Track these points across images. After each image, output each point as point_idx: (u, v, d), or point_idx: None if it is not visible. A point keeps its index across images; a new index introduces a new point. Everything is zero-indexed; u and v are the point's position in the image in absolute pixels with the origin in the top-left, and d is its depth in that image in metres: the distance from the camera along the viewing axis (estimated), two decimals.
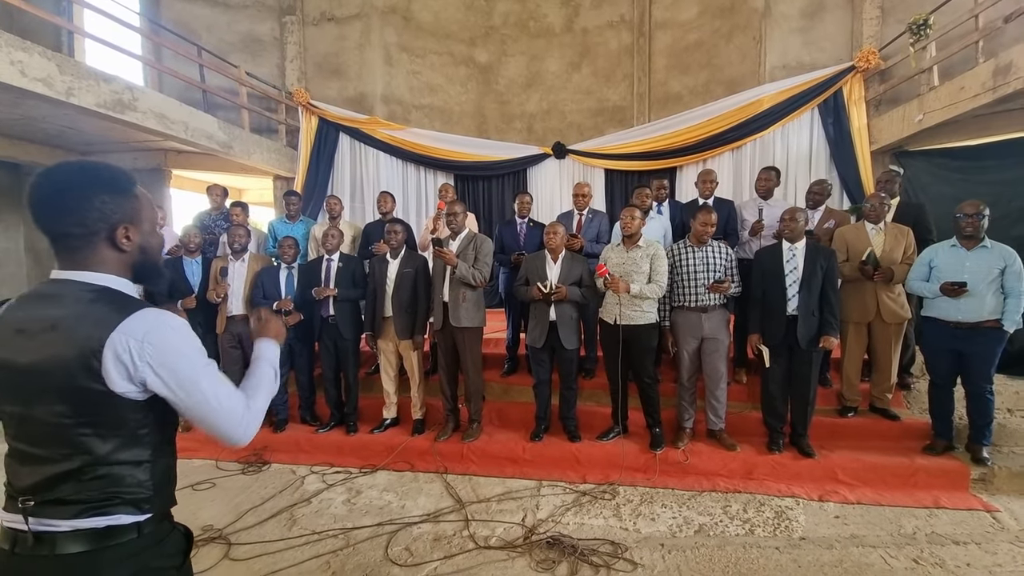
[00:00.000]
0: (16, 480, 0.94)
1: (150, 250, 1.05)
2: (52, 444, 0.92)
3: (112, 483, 0.94)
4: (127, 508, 0.95)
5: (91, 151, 7.36)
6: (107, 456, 0.93)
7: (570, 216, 4.24)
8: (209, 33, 7.68)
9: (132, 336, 0.91)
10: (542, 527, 2.77)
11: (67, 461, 0.91)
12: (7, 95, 4.62)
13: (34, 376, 0.91)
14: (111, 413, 0.93)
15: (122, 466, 0.95)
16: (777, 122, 6.08)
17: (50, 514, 0.91)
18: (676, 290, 3.49)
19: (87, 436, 0.91)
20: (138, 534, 0.96)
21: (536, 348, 3.64)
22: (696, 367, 3.55)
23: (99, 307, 0.93)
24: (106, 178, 0.99)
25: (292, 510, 3.03)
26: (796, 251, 3.32)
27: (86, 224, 0.96)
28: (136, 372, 0.91)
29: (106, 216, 0.97)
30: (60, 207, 0.95)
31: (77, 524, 0.91)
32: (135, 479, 0.96)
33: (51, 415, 0.91)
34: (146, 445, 0.98)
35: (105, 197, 0.97)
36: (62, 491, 0.91)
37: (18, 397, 0.93)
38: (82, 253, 0.97)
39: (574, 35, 7.88)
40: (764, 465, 3.32)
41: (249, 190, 9.58)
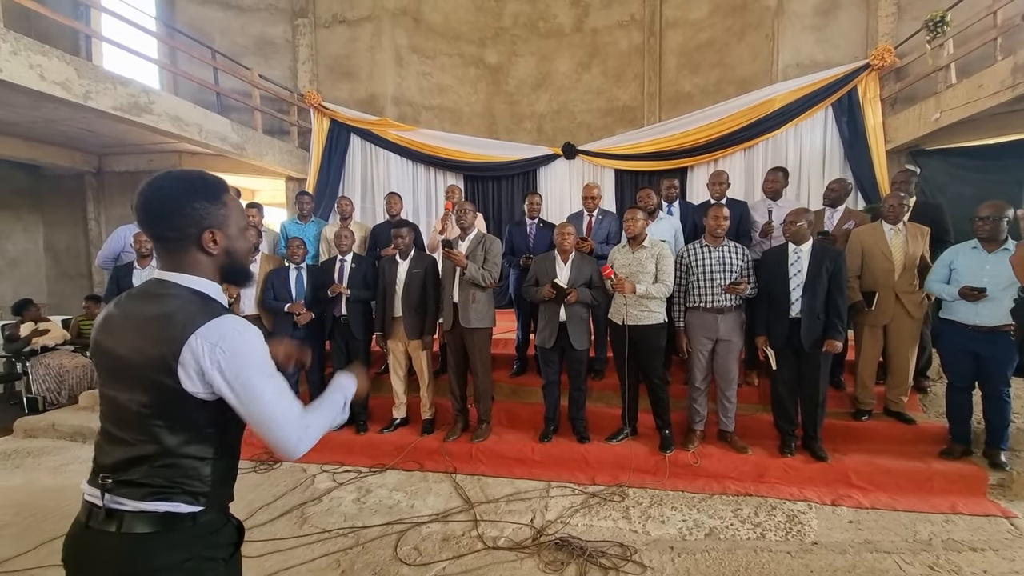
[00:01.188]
0: (100, 458, 1.03)
1: (236, 254, 1.12)
2: (132, 429, 1.00)
3: (177, 473, 1.00)
4: (186, 498, 1.01)
5: (108, 153, 7.50)
6: (175, 448, 1.00)
7: (580, 217, 4.23)
8: (223, 36, 7.78)
9: (207, 340, 0.96)
10: (551, 528, 2.77)
11: (142, 447, 0.99)
12: (26, 98, 4.72)
13: (125, 366, 1.00)
14: (182, 410, 0.99)
15: (187, 459, 1.01)
16: (790, 121, 6.02)
17: (122, 493, 0.99)
18: (691, 291, 3.46)
19: (160, 427, 0.99)
20: (193, 523, 1.02)
21: (545, 349, 3.63)
22: (709, 369, 3.52)
23: (184, 310, 1.00)
24: (198, 186, 1.06)
25: (303, 508, 3.06)
26: (801, 253, 3.28)
27: (178, 228, 1.03)
28: (206, 375, 0.97)
29: (196, 221, 1.04)
30: (157, 213, 1.03)
31: (142, 506, 0.98)
32: (197, 473, 1.02)
33: (134, 403, 0.99)
34: (211, 443, 1.04)
35: (196, 204, 1.04)
36: (134, 473, 0.99)
37: (113, 383, 1.02)
38: (177, 255, 1.05)
39: (584, 35, 7.87)
40: (776, 468, 3.28)
41: (262, 191, 9.68)
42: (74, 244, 7.94)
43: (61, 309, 7.28)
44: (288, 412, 1.02)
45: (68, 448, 4.17)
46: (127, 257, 4.33)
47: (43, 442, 4.24)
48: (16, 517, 2.99)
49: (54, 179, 7.79)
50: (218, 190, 1.08)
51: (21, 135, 6.49)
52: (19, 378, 5.44)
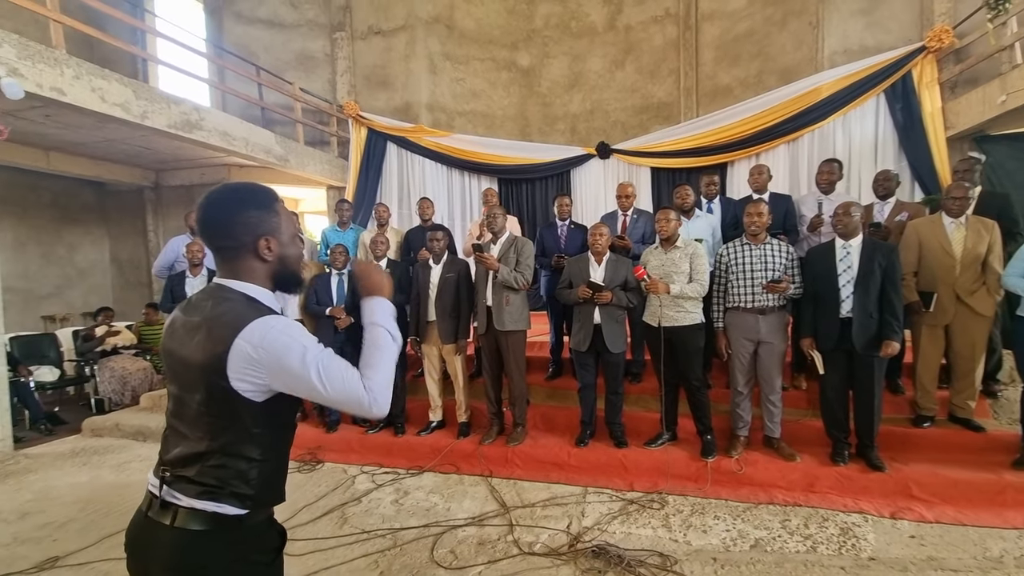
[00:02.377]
0: (163, 451, 1.09)
1: (289, 260, 1.16)
2: (191, 426, 1.05)
3: (225, 473, 1.04)
4: (233, 500, 1.04)
5: (164, 168, 7.96)
6: (224, 447, 1.03)
7: (614, 217, 4.16)
8: (266, 53, 8.13)
9: (250, 341, 1.00)
10: (588, 535, 2.72)
11: (198, 443, 1.03)
12: (90, 120, 5.08)
13: (186, 366, 1.05)
14: (231, 409, 1.03)
15: (236, 460, 1.04)
16: (837, 111, 5.71)
17: (178, 488, 1.03)
18: (731, 290, 3.34)
19: (213, 425, 1.03)
20: (240, 526, 1.06)
21: (580, 352, 3.58)
22: (751, 372, 3.38)
23: (233, 313, 1.04)
24: (251, 196, 1.11)
25: (343, 509, 3.13)
26: (851, 248, 3.09)
27: (235, 237, 1.09)
28: (261, 373, 1.01)
29: (251, 229, 1.09)
30: (215, 224, 1.09)
31: (194, 503, 1.02)
32: (244, 475, 1.05)
33: (193, 401, 1.04)
34: (257, 445, 1.07)
35: (251, 213, 1.09)
36: (189, 470, 1.03)
37: (177, 382, 1.08)
38: (235, 264, 1.11)
39: (617, 33, 7.76)
40: (827, 477, 3.11)
41: (305, 200, 10.04)
42: (135, 254, 8.47)
43: (125, 316, 7.75)
44: (343, 384, 1.03)
45: (130, 447, 4.43)
46: (180, 267, 4.57)
47: (108, 441, 4.53)
48: (81, 512, 3.20)
49: (117, 194, 8.35)
50: (270, 199, 1.13)
51: (87, 154, 6.99)
52: (88, 381, 5.85)
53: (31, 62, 4.06)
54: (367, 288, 1.23)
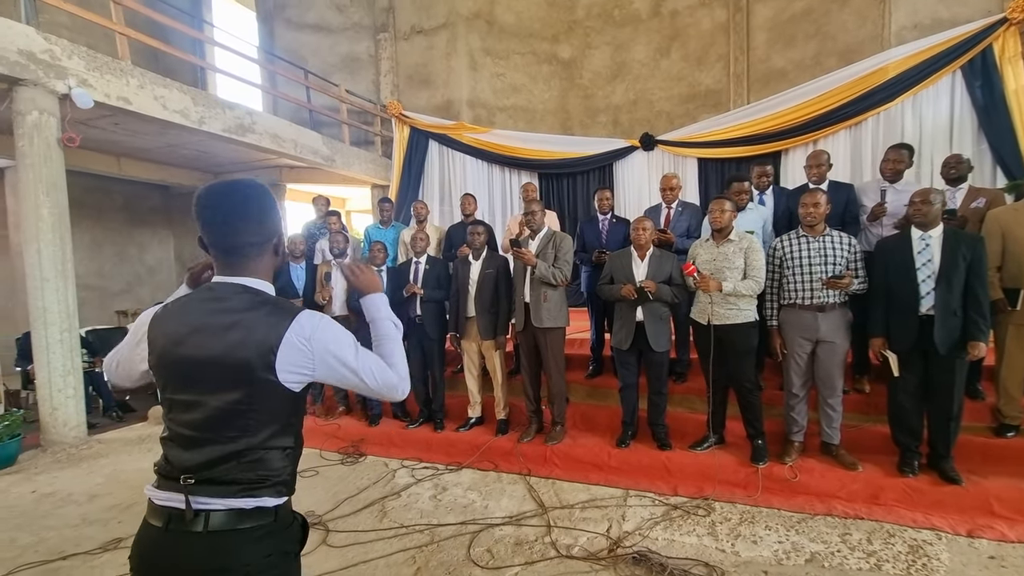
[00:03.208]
0: (179, 461, 1.03)
1: (284, 254, 1.21)
2: (221, 428, 1.02)
3: (263, 466, 1.04)
4: (271, 491, 1.05)
5: (222, 171, 8.37)
6: (265, 441, 1.04)
7: (658, 210, 4.00)
8: (314, 56, 8.39)
9: (301, 335, 1.03)
10: (628, 540, 2.62)
11: (232, 443, 1.02)
12: (153, 126, 5.39)
13: (214, 368, 1.02)
14: (274, 402, 1.04)
15: (273, 451, 1.05)
16: (906, 91, 5.26)
17: (208, 492, 1.01)
18: (787, 286, 3.13)
19: (254, 422, 1.03)
20: (275, 517, 1.06)
21: (622, 350, 3.47)
22: (809, 373, 3.16)
23: (268, 310, 1.05)
24: (269, 196, 1.13)
25: (383, 502, 3.17)
26: (930, 240, 2.81)
27: (264, 234, 1.10)
28: (309, 364, 1.04)
29: (273, 228, 1.12)
30: (252, 221, 1.09)
31: (231, 503, 1.01)
32: (280, 464, 1.07)
33: (226, 402, 1.02)
34: (291, 433, 1.09)
35: (273, 211, 1.12)
36: (222, 470, 1.02)
37: (193, 387, 1.04)
38: (253, 261, 1.10)
39: (662, 19, 7.49)
40: (894, 489, 2.86)
41: (351, 199, 10.34)
42: (196, 253, 8.91)
43: None
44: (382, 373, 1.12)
45: None
46: None
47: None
48: (143, 496, 3.39)
49: (180, 196, 8.86)
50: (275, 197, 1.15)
51: (154, 159, 7.45)
52: None
53: (99, 73, 4.35)
54: (362, 288, 1.29)
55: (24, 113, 3.90)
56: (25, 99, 3.89)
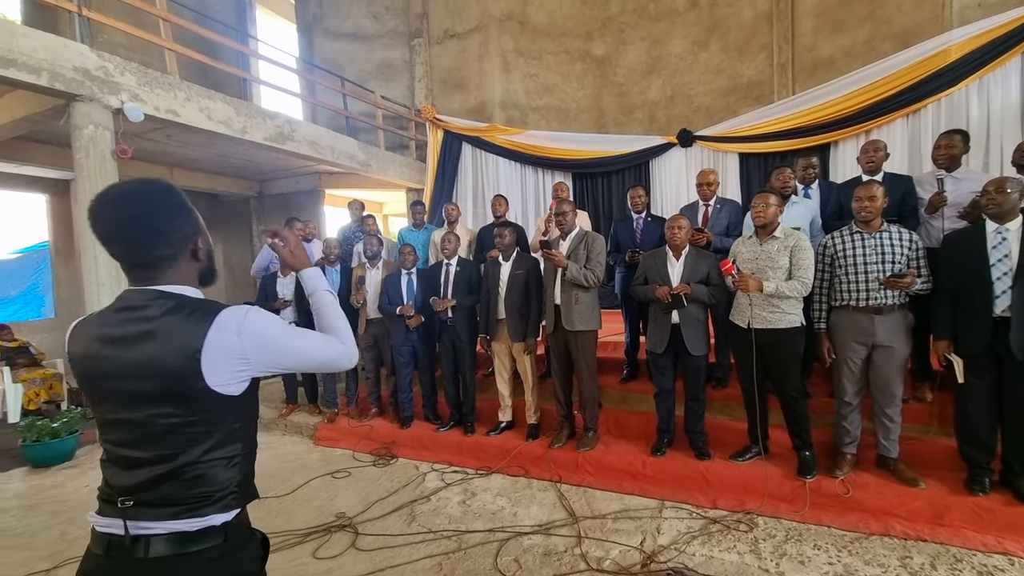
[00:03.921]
0: (117, 482, 0.98)
1: (211, 256, 1.12)
2: (156, 446, 0.96)
3: (206, 483, 0.97)
4: (218, 508, 0.98)
5: (265, 179, 8.70)
6: (204, 455, 0.97)
7: (695, 208, 3.83)
8: (351, 64, 8.59)
9: (227, 332, 0.96)
10: (663, 555, 2.49)
11: (168, 462, 0.95)
12: (201, 137, 5.64)
13: (135, 382, 0.95)
14: (210, 411, 0.97)
15: (216, 464, 0.98)
16: (971, 75, 4.84)
17: (148, 516, 0.94)
18: (838, 286, 2.91)
19: (190, 435, 0.96)
20: (225, 538, 0.99)
21: (657, 354, 3.33)
22: (863, 380, 2.92)
23: (186, 313, 0.97)
24: (177, 200, 1.04)
25: (412, 506, 3.16)
26: (1007, 233, 2.54)
27: (175, 244, 1.02)
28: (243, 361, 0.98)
29: (186, 234, 1.04)
30: (153, 233, 1.00)
31: (173, 526, 0.94)
32: (226, 476, 1.00)
33: (156, 417, 0.95)
34: (238, 440, 1.03)
35: (185, 217, 1.04)
36: (161, 492, 0.95)
37: (118, 404, 0.98)
38: (167, 271, 1.02)
39: (700, 11, 7.23)
40: (961, 509, 2.60)
41: (388, 202, 10.52)
42: (243, 258, 9.35)
43: None
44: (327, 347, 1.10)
45: None
46: (274, 267, 4.91)
47: None
48: None
49: (228, 204, 9.26)
50: (187, 197, 1.06)
51: (203, 169, 7.82)
52: None
53: (149, 88, 4.57)
54: (293, 264, 1.24)
55: (81, 127, 4.14)
56: (81, 114, 4.12)
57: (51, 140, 5.73)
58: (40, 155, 6.00)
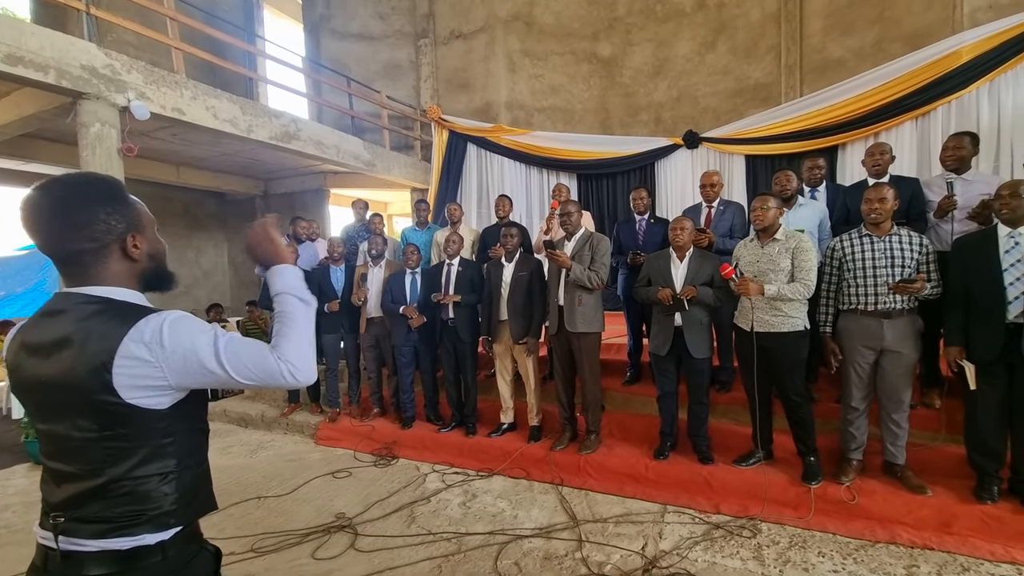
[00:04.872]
0: (49, 496, 0.94)
1: (158, 256, 1.04)
2: (80, 461, 0.91)
3: (137, 500, 0.91)
4: (151, 527, 0.92)
5: (271, 178, 8.73)
6: (131, 471, 0.91)
7: (698, 210, 3.80)
8: (357, 64, 8.61)
9: (142, 341, 0.89)
10: (665, 560, 2.46)
11: (93, 478, 0.90)
12: (207, 136, 5.66)
13: (54, 393, 0.91)
14: (132, 425, 0.90)
15: (147, 480, 0.92)
16: (982, 77, 4.78)
17: (78, 532, 0.90)
18: (847, 290, 2.87)
19: (110, 451, 0.90)
20: (163, 556, 0.93)
21: (660, 356, 3.30)
22: (871, 386, 2.88)
23: (104, 319, 0.91)
24: (104, 189, 0.97)
25: (412, 507, 3.14)
26: (1020, 238, 2.49)
27: (96, 238, 0.94)
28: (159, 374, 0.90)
29: (112, 228, 0.96)
30: (70, 226, 0.93)
31: (103, 545, 0.89)
32: (160, 493, 0.93)
33: (75, 430, 0.90)
34: (171, 456, 0.95)
35: (108, 208, 0.96)
36: (89, 509, 0.90)
37: (45, 415, 0.94)
38: (93, 269, 0.95)
39: (707, 12, 7.19)
40: (969, 517, 2.55)
41: (393, 202, 10.53)
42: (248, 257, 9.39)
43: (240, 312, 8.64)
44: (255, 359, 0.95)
45: (234, 432, 4.87)
46: None
47: (216, 425, 5.00)
48: None
49: (234, 203, 9.31)
50: (122, 190, 0.99)
51: (209, 168, 7.86)
52: None
53: (156, 86, 4.59)
54: (261, 258, 1.06)
55: (87, 125, 4.16)
56: (88, 111, 4.14)
57: (58, 138, 5.76)
58: (47, 152, 6.04)
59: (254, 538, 2.80)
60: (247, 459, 4.12)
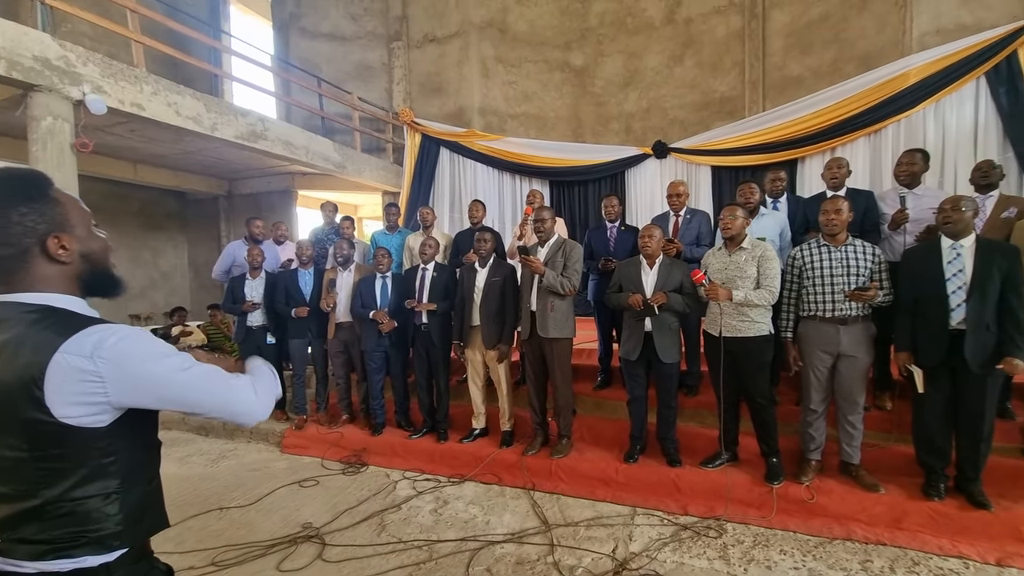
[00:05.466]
0: None
1: (94, 256, 0.96)
2: (11, 481, 0.86)
3: (77, 521, 0.86)
4: (93, 548, 0.87)
5: (236, 177, 8.46)
6: (68, 492, 0.85)
7: (666, 218, 3.90)
8: (328, 65, 8.46)
9: (81, 353, 0.82)
10: (635, 562, 2.50)
11: (28, 499, 0.85)
12: (168, 133, 5.45)
13: None
14: (67, 445, 0.85)
15: (88, 501, 0.87)
16: (929, 98, 5.11)
17: (15, 553, 0.85)
18: (807, 297, 3.00)
19: (44, 472, 0.84)
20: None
21: (630, 361, 3.36)
22: (828, 388, 3.01)
23: (38, 330, 0.84)
24: (16, 187, 0.89)
25: (383, 515, 3.09)
26: (961, 249, 2.66)
27: (12, 243, 0.87)
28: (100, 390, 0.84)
29: (30, 229, 0.88)
30: None
31: (42, 567, 0.85)
32: (102, 514, 0.88)
33: (6, 449, 0.84)
34: (114, 475, 0.89)
35: (23, 208, 0.88)
36: (26, 530, 0.85)
37: None
38: (19, 275, 0.89)
39: (676, 27, 7.41)
40: (918, 513, 2.70)
41: (364, 205, 10.37)
42: (210, 259, 9.02)
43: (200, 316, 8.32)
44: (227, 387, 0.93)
45: (194, 441, 4.67)
46: (237, 270, 4.77)
47: (175, 434, 4.80)
48: None
49: (196, 203, 8.98)
50: (44, 185, 0.91)
51: (169, 166, 7.56)
52: None
53: (113, 80, 4.40)
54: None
55: (38, 118, 3.95)
56: (39, 104, 3.93)
57: (6, 131, 5.44)
58: None
59: (215, 551, 2.69)
60: (207, 469, 3.97)
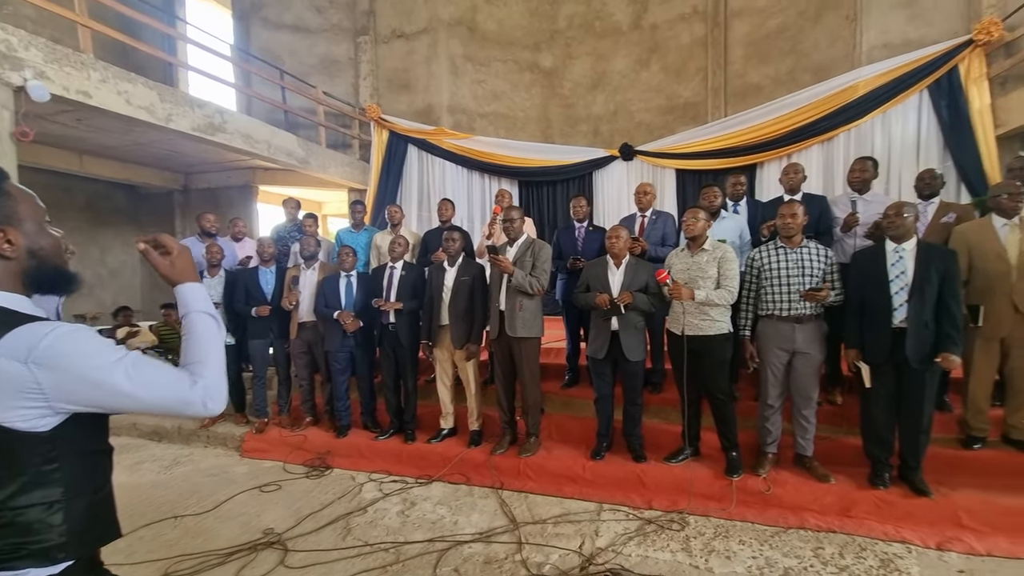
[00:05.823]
0: None
1: (43, 252, 0.93)
2: None
3: (18, 532, 0.83)
4: (36, 560, 0.84)
5: (192, 171, 8.12)
6: (6, 502, 0.82)
7: (632, 219, 3.98)
8: (291, 57, 8.22)
9: (15, 355, 0.79)
10: (601, 557, 2.55)
11: None
12: (119, 123, 5.17)
13: None
14: (5, 450, 0.82)
15: (29, 510, 0.84)
16: (876, 108, 5.41)
17: None
18: (764, 297, 3.12)
19: None
20: None
21: (597, 360, 3.41)
22: (785, 384, 3.15)
23: None
24: None
25: (348, 519, 3.03)
26: (904, 252, 2.83)
27: None
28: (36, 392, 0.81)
29: None
30: None
31: None
32: (45, 524, 0.85)
33: None
34: (57, 483, 0.86)
35: None
36: None
37: None
38: None
39: (642, 32, 7.57)
40: (865, 502, 2.85)
41: (329, 202, 10.13)
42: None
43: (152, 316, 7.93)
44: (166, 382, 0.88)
45: (146, 446, 4.46)
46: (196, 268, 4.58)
47: (124, 440, 4.56)
48: None
49: (148, 197, 8.56)
50: None
51: (119, 158, 7.17)
52: None
53: (58, 65, 4.14)
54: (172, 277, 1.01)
55: None
56: None
57: None
58: None
59: (168, 561, 2.57)
60: (161, 476, 3.80)
